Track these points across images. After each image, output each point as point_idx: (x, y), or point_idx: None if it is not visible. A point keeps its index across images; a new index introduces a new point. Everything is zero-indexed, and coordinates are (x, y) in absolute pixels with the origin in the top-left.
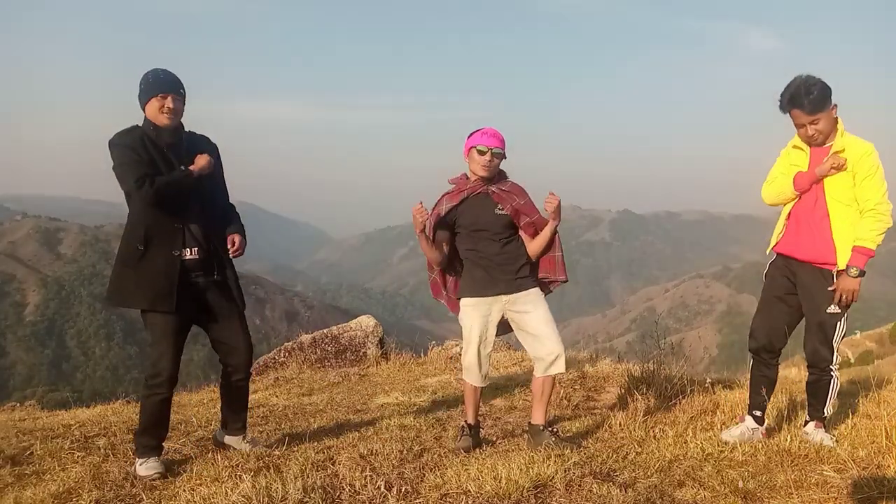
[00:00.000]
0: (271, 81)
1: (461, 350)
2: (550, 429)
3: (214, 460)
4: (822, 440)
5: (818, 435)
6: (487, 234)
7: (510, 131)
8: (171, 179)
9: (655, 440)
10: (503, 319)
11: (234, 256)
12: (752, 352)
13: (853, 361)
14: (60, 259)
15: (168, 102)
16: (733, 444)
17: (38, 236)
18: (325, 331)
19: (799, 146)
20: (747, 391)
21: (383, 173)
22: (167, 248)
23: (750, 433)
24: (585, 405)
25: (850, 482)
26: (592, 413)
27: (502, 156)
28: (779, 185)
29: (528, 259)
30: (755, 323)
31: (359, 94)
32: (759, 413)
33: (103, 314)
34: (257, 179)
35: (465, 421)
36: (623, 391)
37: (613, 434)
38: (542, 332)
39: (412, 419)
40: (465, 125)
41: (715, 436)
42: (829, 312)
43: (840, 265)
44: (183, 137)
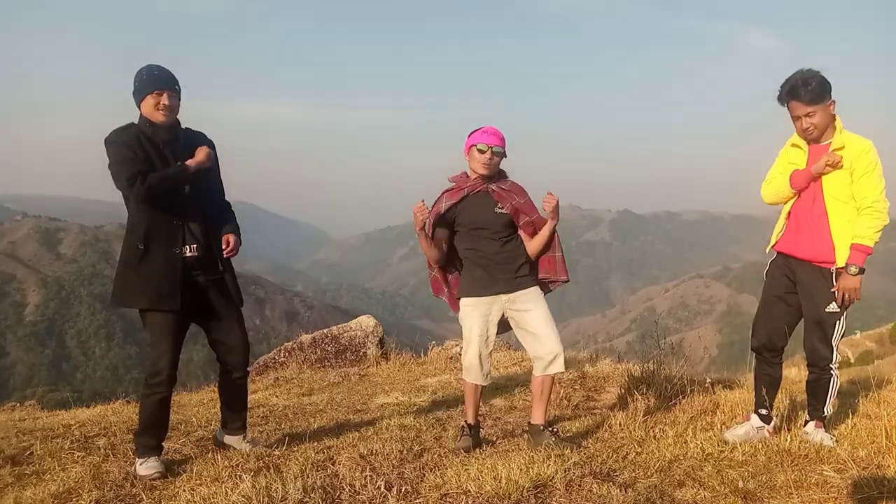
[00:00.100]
0: (271, 81)
1: (461, 350)
2: (550, 429)
3: (214, 460)
4: (822, 440)
5: (818, 435)
6: (487, 233)
7: (510, 131)
8: (165, 175)
9: (655, 440)
10: (503, 318)
11: (228, 256)
12: (755, 350)
13: (853, 361)
14: (60, 259)
15: (164, 99)
16: (733, 444)
17: (38, 236)
18: (325, 331)
19: (797, 144)
20: (752, 390)
21: (383, 173)
22: (167, 246)
23: (755, 432)
24: (585, 405)
25: (850, 482)
26: (592, 413)
27: (502, 154)
28: (776, 184)
29: (528, 258)
30: (756, 322)
31: (359, 94)
32: (765, 411)
33: (103, 314)
34: (257, 179)
35: (465, 421)
36: (623, 391)
37: (613, 434)
38: (542, 332)
39: (412, 419)
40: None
41: (715, 436)
42: (829, 311)
43: (839, 263)
44: (179, 134)
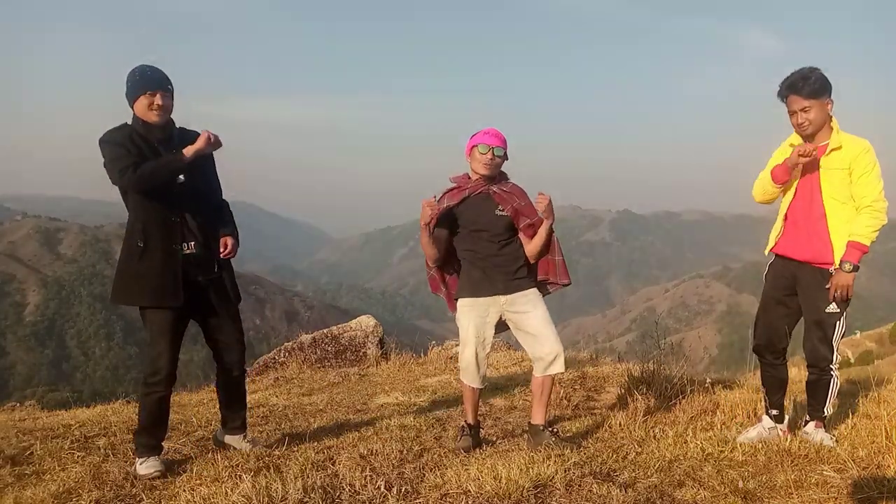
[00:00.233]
0: (271, 81)
1: (459, 351)
2: (550, 429)
3: (214, 460)
4: (822, 440)
5: (818, 435)
6: (487, 235)
7: (511, 131)
8: (157, 163)
9: (655, 440)
10: (500, 320)
11: (226, 258)
12: (756, 353)
13: (853, 361)
14: (60, 259)
15: (157, 99)
16: (733, 445)
17: (38, 236)
18: (325, 331)
19: (795, 144)
20: (752, 391)
21: (383, 174)
22: (167, 243)
23: (767, 433)
24: (585, 405)
25: (850, 482)
26: (592, 413)
27: (504, 156)
28: (761, 181)
29: (527, 261)
30: (756, 324)
31: (359, 94)
32: (777, 412)
33: (103, 314)
34: (257, 179)
35: (465, 421)
36: (623, 391)
37: (613, 434)
38: (541, 332)
39: (412, 419)
40: (466, 125)
41: (715, 436)
42: (829, 312)
43: (838, 263)
44: (174, 133)
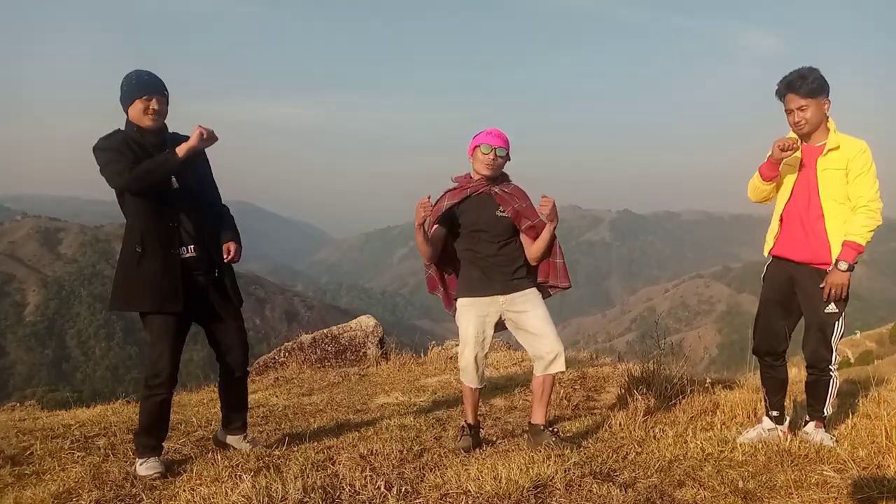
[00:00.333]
0: (271, 81)
1: (459, 352)
2: (551, 429)
3: (214, 460)
4: (822, 440)
5: (818, 435)
6: (487, 236)
7: (511, 132)
8: (152, 163)
9: (655, 440)
10: (499, 320)
11: (230, 262)
12: (756, 354)
13: (853, 361)
14: (60, 259)
15: (153, 104)
16: (733, 444)
17: (38, 236)
18: (325, 331)
19: None
20: (752, 391)
21: (384, 174)
22: (165, 248)
23: (766, 434)
24: (585, 405)
25: (850, 482)
26: (592, 413)
27: (506, 156)
28: (752, 180)
29: (526, 261)
30: (755, 326)
31: (359, 94)
32: (777, 413)
33: (103, 314)
34: (257, 179)
35: (465, 421)
36: (623, 391)
37: (613, 434)
38: (541, 331)
39: (412, 419)
40: (466, 125)
41: (715, 436)
42: (828, 312)
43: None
44: (167, 138)
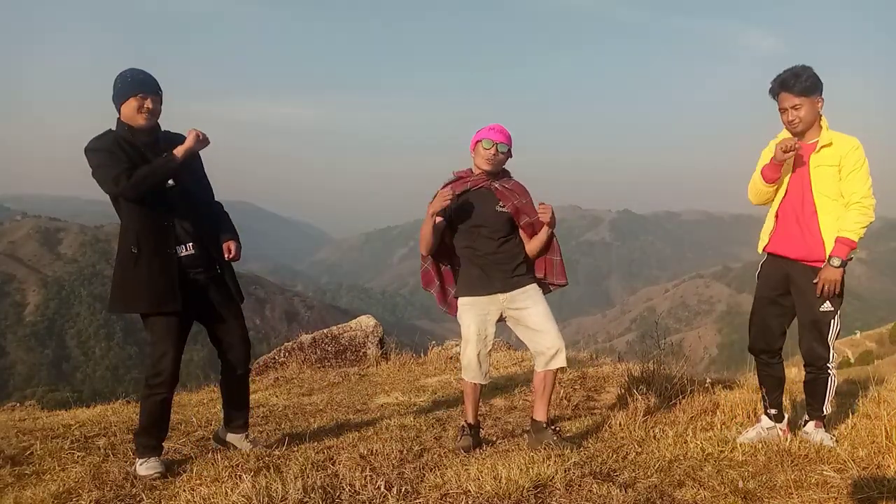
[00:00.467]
0: (271, 81)
1: (461, 350)
2: (553, 427)
3: (214, 460)
4: (822, 440)
5: (818, 435)
6: (486, 231)
7: (511, 131)
8: (151, 167)
9: (655, 440)
10: (501, 316)
11: (230, 261)
12: (752, 353)
13: (853, 361)
14: (60, 259)
15: (147, 103)
16: (733, 444)
17: (38, 236)
18: (325, 331)
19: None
20: (752, 391)
21: (384, 174)
22: (162, 248)
23: (766, 433)
24: (585, 405)
25: (850, 482)
26: (592, 413)
27: (508, 152)
28: (753, 182)
29: (526, 257)
30: (750, 325)
31: (359, 94)
32: (775, 411)
33: (103, 314)
34: (257, 179)
35: (465, 421)
36: (623, 391)
37: (613, 434)
38: (542, 327)
39: (412, 419)
40: (466, 125)
41: (715, 436)
42: (823, 311)
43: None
44: (159, 136)
